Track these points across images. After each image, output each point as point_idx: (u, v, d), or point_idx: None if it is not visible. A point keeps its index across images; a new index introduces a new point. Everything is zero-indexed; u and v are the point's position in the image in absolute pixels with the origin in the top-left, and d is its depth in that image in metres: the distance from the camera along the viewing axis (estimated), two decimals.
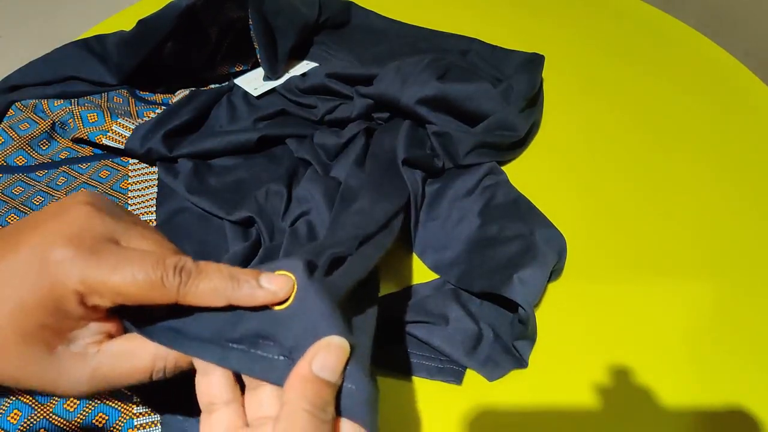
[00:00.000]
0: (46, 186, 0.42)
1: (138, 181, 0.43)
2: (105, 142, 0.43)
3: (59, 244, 0.21)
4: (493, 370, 0.33)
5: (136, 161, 0.45)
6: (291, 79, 0.49)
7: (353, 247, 0.29)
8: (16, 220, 0.39)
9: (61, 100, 0.45)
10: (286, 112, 0.47)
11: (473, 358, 0.33)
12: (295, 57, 0.53)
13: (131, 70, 0.47)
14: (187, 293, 0.22)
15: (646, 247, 0.40)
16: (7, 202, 0.41)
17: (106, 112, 0.44)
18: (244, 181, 0.43)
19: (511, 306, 0.35)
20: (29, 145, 0.44)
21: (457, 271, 0.37)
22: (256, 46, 0.49)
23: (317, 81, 0.46)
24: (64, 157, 0.44)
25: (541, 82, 0.51)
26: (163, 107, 0.48)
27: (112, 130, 0.43)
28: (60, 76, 0.48)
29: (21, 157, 0.44)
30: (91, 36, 0.51)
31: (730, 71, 0.54)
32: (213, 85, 0.51)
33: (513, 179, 0.43)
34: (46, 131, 0.45)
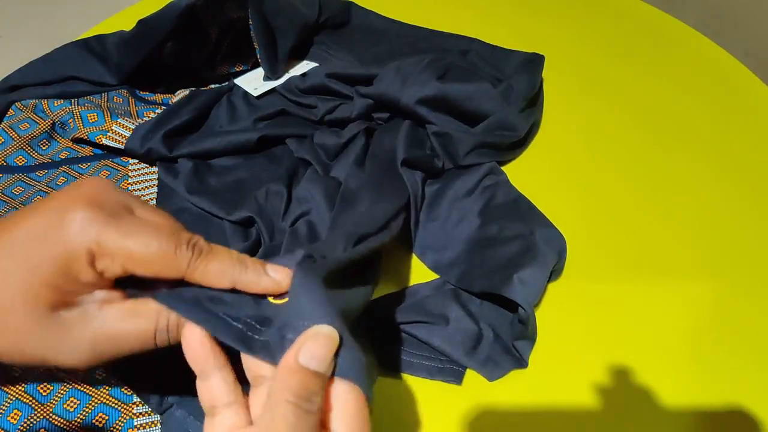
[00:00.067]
0: (46, 186, 0.42)
1: (138, 181, 0.43)
2: (105, 142, 0.43)
3: (79, 205, 0.22)
4: (493, 370, 0.33)
5: (136, 161, 0.45)
6: (291, 79, 0.49)
7: (349, 246, 0.29)
8: None
9: (61, 100, 0.45)
10: (286, 112, 0.47)
11: (473, 358, 0.33)
12: (295, 57, 0.53)
13: (131, 70, 0.47)
14: (195, 269, 0.22)
15: (646, 247, 0.40)
16: (7, 202, 0.41)
17: (106, 112, 0.44)
18: (244, 181, 0.43)
19: (511, 306, 0.35)
20: (29, 145, 0.44)
21: (457, 271, 0.37)
22: (256, 46, 0.49)
23: (317, 81, 0.46)
24: (64, 157, 0.44)
25: (541, 82, 0.51)
26: (163, 107, 0.48)
27: (112, 130, 0.43)
28: (60, 76, 0.48)
29: (21, 157, 0.44)
30: (91, 36, 0.51)
31: (730, 71, 0.54)
32: (213, 85, 0.51)
33: (513, 179, 0.43)
34: (46, 131, 0.45)
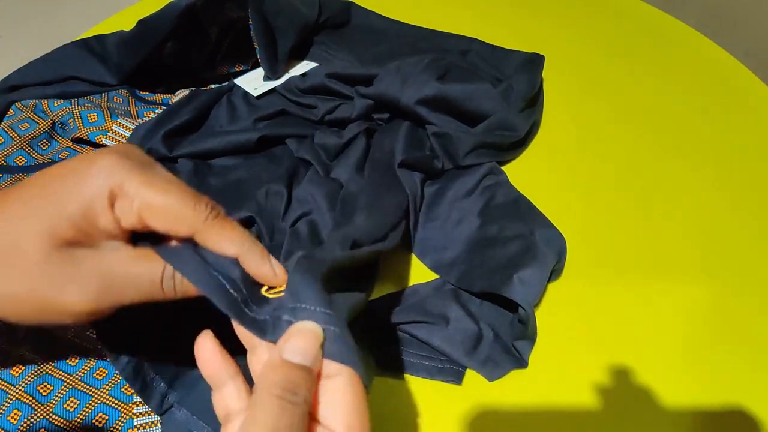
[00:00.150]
0: None
1: None
2: (105, 142, 0.43)
3: (108, 154, 0.23)
4: (493, 370, 0.33)
5: None
6: (291, 79, 0.49)
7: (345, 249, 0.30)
8: None
9: (61, 100, 0.45)
10: (286, 112, 0.47)
11: (473, 358, 0.33)
12: (295, 57, 0.53)
13: (131, 70, 0.47)
14: (209, 228, 0.24)
15: (645, 247, 0.40)
16: None
17: (106, 112, 0.44)
18: (244, 181, 0.43)
19: (511, 306, 0.35)
20: (29, 145, 0.44)
21: (457, 271, 0.37)
22: (256, 46, 0.49)
23: (317, 81, 0.46)
24: (64, 157, 0.44)
25: (541, 82, 0.51)
26: (163, 107, 0.48)
27: (112, 130, 0.43)
28: (60, 76, 0.48)
29: (21, 157, 0.44)
30: (91, 36, 0.51)
31: (730, 71, 0.54)
32: (213, 85, 0.51)
33: (513, 179, 0.43)
34: (46, 131, 0.44)
